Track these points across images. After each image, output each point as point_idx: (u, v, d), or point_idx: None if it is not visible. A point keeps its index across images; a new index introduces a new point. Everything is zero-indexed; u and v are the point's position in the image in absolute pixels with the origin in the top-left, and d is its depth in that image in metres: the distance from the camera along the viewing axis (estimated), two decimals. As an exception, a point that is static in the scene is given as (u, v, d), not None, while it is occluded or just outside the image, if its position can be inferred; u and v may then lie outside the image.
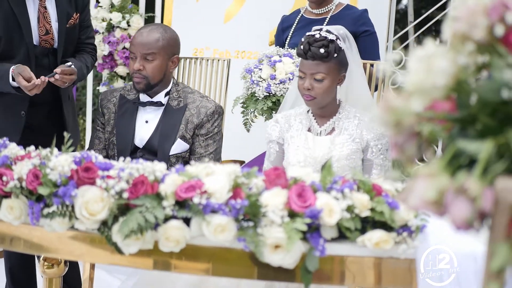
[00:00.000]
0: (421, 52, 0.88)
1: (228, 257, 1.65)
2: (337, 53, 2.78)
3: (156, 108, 3.13)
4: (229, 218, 1.56)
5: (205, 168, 1.68)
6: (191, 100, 3.13)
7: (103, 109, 3.19)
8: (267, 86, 3.32)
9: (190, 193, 1.58)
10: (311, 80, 2.80)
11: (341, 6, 3.68)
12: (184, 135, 3.07)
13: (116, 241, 1.61)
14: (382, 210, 1.56)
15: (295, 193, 1.58)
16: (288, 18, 3.80)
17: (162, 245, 1.60)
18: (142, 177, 1.62)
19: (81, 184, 1.65)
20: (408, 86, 0.90)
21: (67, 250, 1.77)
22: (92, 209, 1.62)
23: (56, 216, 1.63)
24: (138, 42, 3.05)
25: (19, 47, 3.09)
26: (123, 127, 3.12)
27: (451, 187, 0.78)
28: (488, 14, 0.81)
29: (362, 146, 2.85)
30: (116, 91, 3.21)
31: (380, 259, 1.62)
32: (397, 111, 0.93)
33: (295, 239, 1.52)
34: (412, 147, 0.99)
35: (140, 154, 3.07)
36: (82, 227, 1.65)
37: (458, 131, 0.95)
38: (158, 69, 3.07)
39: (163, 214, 1.57)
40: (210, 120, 3.10)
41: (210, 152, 3.08)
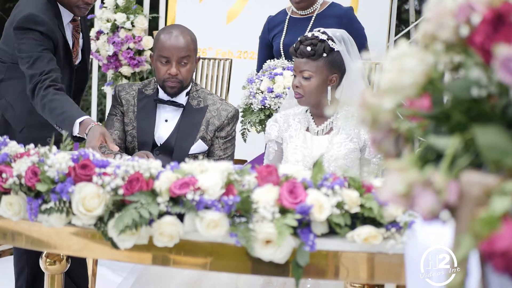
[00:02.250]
0: (394, 52, 0.92)
1: (225, 252, 1.69)
2: (327, 53, 2.81)
3: (175, 108, 3.13)
4: (221, 214, 1.60)
5: (199, 165, 1.72)
6: (211, 102, 3.15)
7: (122, 100, 3.15)
8: (263, 99, 3.36)
9: (184, 189, 1.62)
10: (300, 78, 2.84)
11: (326, 4, 3.71)
12: (204, 136, 3.09)
13: (111, 236, 1.65)
14: (371, 206, 1.60)
15: (287, 190, 1.62)
16: (275, 18, 3.84)
17: (156, 240, 1.64)
18: (137, 174, 1.66)
19: (78, 181, 1.69)
20: (383, 84, 0.94)
21: (65, 245, 1.81)
22: (89, 205, 1.66)
23: (54, 212, 1.67)
24: (171, 46, 3.02)
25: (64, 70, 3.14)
26: (144, 121, 3.11)
27: (419, 181, 0.81)
28: (455, 15, 0.85)
29: (360, 146, 2.88)
30: (134, 85, 3.20)
31: (373, 254, 1.66)
32: (372, 108, 0.96)
33: (286, 234, 1.56)
34: (389, 143, 1.03)
35: (157, 153, 3.08)
36: (79, 222, 1.69)
37: (433, 128, 0.99)
38: (191, 72, 3.09)
39: (158, 210, 1.61)
40: (230, 123, 3.12)
41: (229, 155, 3.12)
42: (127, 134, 3.13)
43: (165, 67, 3.04)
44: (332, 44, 2.84)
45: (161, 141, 3.12)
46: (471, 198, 0.79)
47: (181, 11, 4.95)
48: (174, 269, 2.53)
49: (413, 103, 1.00)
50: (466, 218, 0.79)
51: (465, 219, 0.79)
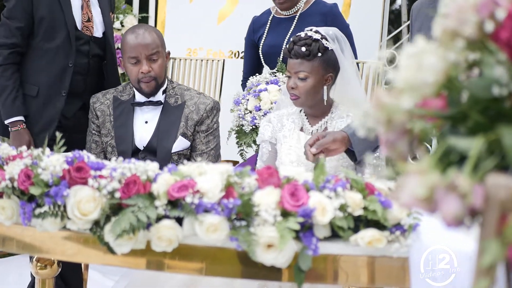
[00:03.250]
0: (411, 49, 0.88)
1: (221, 256, 1.65)
2: (322, 53, 2.78)
3: (153, 108, 3.12)
4: (221, 217, 1.56)
5: (198, 167, 1.68)
6: (189, 97, 3.13)
7: (97, 112, 3.16)
8: (252, 119, 3.33)
9: (183, 192, 1.58)
10: (295, 79, 2.81)
11: (310, 2, 3.67)
12: (185, 132, 3.07)
13: (108, 241, 1.60)
14: (374, 208, 1.56)
15: (288, 192, 1.58)
16: (259, 18, 3.80)
17: (154, 245, 1.60)
18: (134, 177, 1.62)
19: (73, 184, 1.65)
20: (399, 83, 0.90)
21: (59, 250, 1.76)
22: (84, 209, 1.62)
23: (48, 216, 1.62)
24: (138, 44, 3.02)
25: (60, 29, 3.32)
26: (122, 129, 3.11)
27: (442, 184, 0.77)
28: (477, 10, 0.81)
29: (355, 146, 2.85)
30: (108, 93, 3.20)
31: (374, 257, 1.62)
32: (387, 108, 0.92)
33: (288, 238, 1.51)
34: (403, 144, 0.99)
35: (142, 155, 3.05)
36: (74, 227, 1.64)
37: (449, 129, 0.95)
38: (163, 67, 3.08)
39: (156, 214, 1.57)
40: (210, 116, 3.10)
41: (211, 148, 3.09)
42: (106, 145, 3.11)
43: (136, 67, 3.04)
44: (326, 43, 2.80)
45: (144, 143, 3.10)
46: (498, 202, 0.75)
47: (171, 11, 4.90)
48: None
49: (426, 102, 0.96)
50: (492, 223, 0.75)
51: (491, 224, 0.76)
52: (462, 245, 1.57)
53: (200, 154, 3.07)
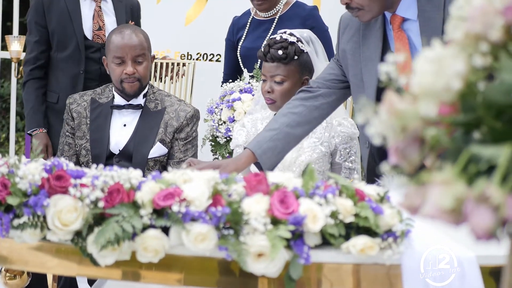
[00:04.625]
0: (430, 54, 0.84)
1: (201, 266, 1.60)
2: (298, 56, 2.76)
3: (132, 111, 3.05)
4: (209, 226, 1.51)
5: (182, 174, 1.62)
6: (169, 103, 3.06)
7: (73, 113, 3.08)
8: (226, 131, 3.29)
9: (169, 201, 1.52)
10: (271, 83, 2.77)
11: (290, 4, 3.65)
12: (163, 139, 3.01)
13: (91, 252, 1.54)
14: (366, 215, 1.53)
15: (277, 200, 1.54)
16: (239, 19, 3.77)
17: (140, 256, 1.54)
18: (117, 185, 1.56)
19: (53, 193, 1.58)
20: (415, 88, 0.87)
21: (30, 261, 1.69)
22: (65, 219, 1.55)
23: (27, 227, 1.55)
24: (125, 45, 2.96)
25: (71, 39, 3.58)
26: (97, 132, 3.03)
27: (471, 195, 0.74)
28: (502, 13, 0.78)
29: (331, 150, 2.83)
30: (86, 95, 3.12)
31: (359, 265, 1.59)
32: (403, 115, 0.89)
33: (279, 247, 1.47)
34: (414, 152, 0.95)
35: (117, 160, 2.98)
36: (54, 238, 1.57)
37: (461, 135, 0.92)
38: (148, 69, 3.03)
39: (141, 224, 1.51)
40: (190, 124, 3.04)
41: (189, 156, 3.03)
42: (81, 148, 3.04)
43: (120, 68, 2.97)
44: (301, 45, 2.78)
45: (120, 147, 3.03)
46: (530, 213, 0.72)
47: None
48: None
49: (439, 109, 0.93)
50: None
51: (523, 236, 0.72)
52: (456, 250, 1.55)
53: (177, 162, 3.01)
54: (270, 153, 2.44)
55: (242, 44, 3.64)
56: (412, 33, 2.34)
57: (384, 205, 1.58)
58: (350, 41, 2.52)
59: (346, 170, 2.82)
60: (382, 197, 1.62)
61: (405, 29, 2.35)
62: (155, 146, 3.00)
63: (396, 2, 2.32)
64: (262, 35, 3.58)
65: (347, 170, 2.84)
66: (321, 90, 2.55)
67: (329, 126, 2.83)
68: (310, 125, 2.56)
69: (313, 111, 2.53)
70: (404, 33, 2.35)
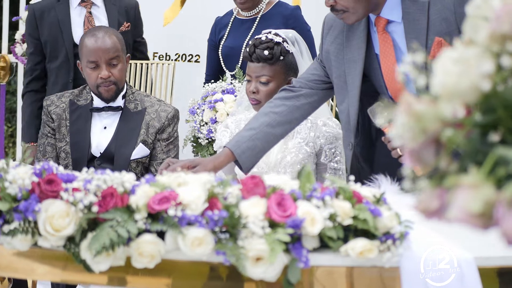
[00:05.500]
0: (453, 54, 0.82)
1: (189, 271, 1.57)
2: (283, 56, 2.75)
3: (112, 113, 3.00)
4: (206, 230, 1.48)
5: (176, 178, 1.59)
6: (149, 103, 3.02)
7: (52, 115, 3.01)
8: (208, 132, 3.26)
9: (164, 205, 1.49)
10: (256, 83, 2.75)
11: (272, 3, 3.63)
12: (145, 140, 2.97)
13: (85, 258, 1.50)
14: (365, 217, 1.51)
15: (275, 202, 1.51)
16: (222, 19, 3.74)
17: (135, 261, 1.50)
18: (111, 189, 1.52)
19: (44, 198, 1.53)
20: (437, 89, 0.85)
21: (28, 269, 1.65)
22: (57, 225, 1.51)
23: (18, 233, 1.50)
24: (98, 48, 2.90)
25: (61, 48, 3.63)
26: (78, 135, 2.97)
27: (502, 199, 0.72)
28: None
29: (316, 150, 2.81)
30: (64, 96, 3.05)
31: (352, 268, 1.57)
32: (423, 116, 0.87)
33: (278, 251, 1.45)
34: (429, 154, 0.94)
35: (98, 162, 2.93)
36: (46, 244, 1.53)
37: (478, 137, 0.90)
38: (123, 72, 2.97)
39: (136, 228, 1.48)
40: (171, 124, 3.01)
41: (172, 157, 2.99)
42: (60, 150, 2.98)
43: (95, 72, 2.91)
44: (287, 46, 2.76)
45: (101, 149, 2.98)
46: None
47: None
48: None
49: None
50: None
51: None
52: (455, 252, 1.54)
53: (160, 163, 2.97)
54: (249, 153, 2.42)
55: (224, 43, 3.61)
56: (396, 35, 2.34)
57: (381, 207, 1.56)
58: (334, 42, 2.50)
59: (331, 170, 2.81)
60: (378, 199, 1.60)
61: (389, 31, 2.34)
62: (138, 148, 2.96)
63: (380, 4, 2.31)
64: (244, 34, 3.56)
65: (332, 171, 2.83)
66: (304, 90, 2.54)
67: (314, 126, 2.81)
68: (291, 124, 2.54)
69: (295, 111, 2.52)
70: (389, 35, 2.34)
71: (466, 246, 1.58)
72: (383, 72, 2.39)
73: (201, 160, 2.41)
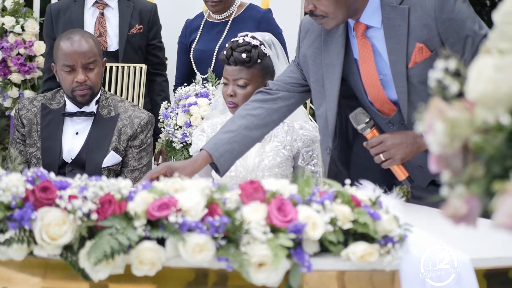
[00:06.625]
0: (490, 60, 0.83)
1: (173, 277, 1.55)
2: (261, 59, 2.74)
3: (85, 119, 2.94)
4: (207, 236, 1.47)
5: (173, 183, 1.57)
6: (123, 109, 2.96)
7: (23, 120, 2.94)
8: (183, 136, 3.23)
9: (164, 211, 1.47)
10: (234, 86, 2.74)
11: (244, 6, 3.62)
12: (117, 147, 2.91)
13: (84, 266, 1.47)
14: (365, 221, 1.51)
15: (275, 207, 1.51)
16: (192, 22, 3.72)
17: (135, 269, 1.47)
18: (108, 196, 1.49)
19: (39, 206, 1.50)
20: (474, 95, 0.85)
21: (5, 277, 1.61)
22: (54, 233, 1.47)
23: (14, 242, 1.46)
24: (74, 52, 2.83)
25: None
26: (49, 140, 2.90)
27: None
28: None
29: (293, 153, 2.82)
30: (36, 100, 2.98)
31: (343, 271, 1.57)
32: (457, 123, 0.87)
33: (282, 256, 1.44)
34: (458, 159, 0.94)
35: (69, 169, 2.86)
36: (43, 253, 1.49)
37: (506, 142, 0.91)
38: (100, 76, 2.91)
39: (137, 236, 1.45)
40: (144, 131, 2.95)
41: (144, 164, 2.94)
42: (31, 156, 2.91)
43: (71, 76, 2.85)
44: (264, 49, 2.76)
45: (73, 156, 2.92)
46: None
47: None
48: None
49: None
50: None
51: None
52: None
53: (132, 171, 2.93)
54: (228, 156, 2.40)
55: (195, 47, 3.59)
56: (376, 40, 2.34)
57: (379, 211, 1.57)
58: (311, 46, 2.50)
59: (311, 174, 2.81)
60: (374, 202, 1.61)
61: (368, 36, 2.35)
62: (109, 155, 2.91)
63: (360, 10, 2.31)
64: (216, 37, 3.54)
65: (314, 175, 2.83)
66: (281, 93, 2.53)
67: (291, 130, 2.82)
68: (268, 127, 2.53)
69: (272, 114, 2.50)
70: (368, 40, 2.34)
71: (462, 248, 1.60)
72: (362, 77, 2.39)
73: (178, 165, 2.38)
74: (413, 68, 2.25)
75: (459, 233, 1.88)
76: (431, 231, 1.69)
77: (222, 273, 1.52)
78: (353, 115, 2.32)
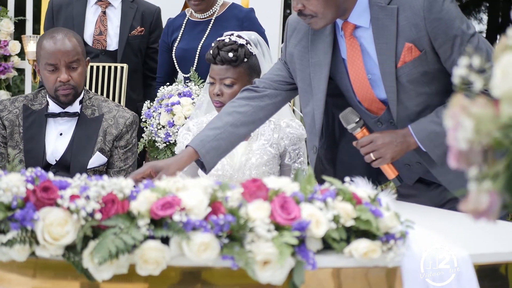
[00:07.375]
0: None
1: (167, 275, 1.55)
2: (247, 58, 2.75)
3: (68, 119, 2.90)
4: (211, 235, 1.46)
5: (175, 182, 1.56)
6: (107, 109, 2.93)
7: (4, 121, 2.89)
8: (166, 136, 3.22)
9: (169, 210, 1.46)
10: (220, 86, 2.74)
11: (226, 5, 3.62)
12: (102, 148, 2.88)
13: (87, 267, 1.45)
14: (367, 218, 1.52)
15: (278, 205, 1.51)
16: (174, 21, 3.71)
17: (140, 269, 1.46)
18: (111, 196, 1.48)
19: (40, 206, 1.48)
20: (500, 91, 0.86)
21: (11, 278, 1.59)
22: (56, 233, 1.46)
23: (16, 243, 1.44)
24: (57, 51, 2.79)
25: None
26: (32, 142, 2.86)
27: None
28: None
29: (280, 151, 2.82)
30: (18, 101, 2.93)
31: (339, 268, 1.58)
32: (482, 119, 0.89)
33: (287, 254, 1.44)
34: (477, 155, 0.95)
35: (54, 170, 2.81)
36: (45, 253, 1.48)
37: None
38: (83, 75, 2.86)
39: (141, 235, 1.44)
40: (129, 131, 2.92)
41: (130, 165, 2.92)
42: (14, 158, 2.87)
43: (54, 75, 2.81)
44: (250, 48, 2.76)
45: (57, 157, 2.88)
46: None
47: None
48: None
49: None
50: None
51: None
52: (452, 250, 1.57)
53: (118, 172, 2.90)
54: (214, 153, 2.39)
55: (178, 46, 3.57)
56: (364, 40, 2.35)
57: (380, 208, 1.58)
58: (298, 45, 2.50)
59: (295, 171, 2.82)
60: (373, 199, 1.62)
61: (357, 36, 2.35)
62: (94, 156, 2.88)
63: (348, 10, 2.31)
64: (198, 36, 3.53)
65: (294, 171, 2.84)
66: (268, 90, 2.53)
67: (278, 128, 2.82)
68: (254, 125, 2.53)
69: (259, 111, 2.50)
70: (356, 40, 2.35)
71: (461, 244, 1.62)
72: (351, 76, 2.40)
73: (162, 164, 2.36)
74: (402, 67, 2.27)
75: (450, 230, 1.91)
76: (424, 228, 1.71)
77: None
78: (343, 115, 2.33)
